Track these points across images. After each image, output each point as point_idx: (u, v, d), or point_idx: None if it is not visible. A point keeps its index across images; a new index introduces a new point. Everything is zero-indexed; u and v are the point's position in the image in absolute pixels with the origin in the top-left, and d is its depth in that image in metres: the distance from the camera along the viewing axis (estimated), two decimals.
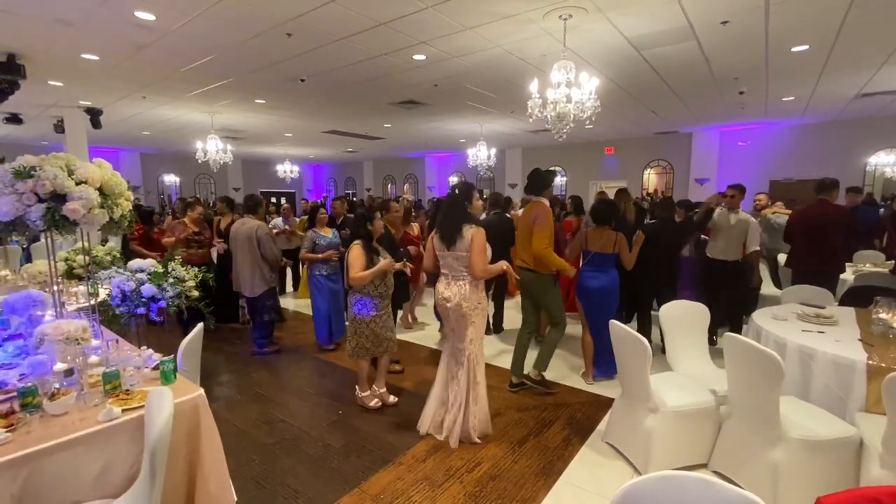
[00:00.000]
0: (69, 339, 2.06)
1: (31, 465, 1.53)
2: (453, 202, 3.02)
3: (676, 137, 12.42)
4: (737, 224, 4.54)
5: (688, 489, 1.17)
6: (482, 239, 2.90)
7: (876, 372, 2.34)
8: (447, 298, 3.00)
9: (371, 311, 3.33)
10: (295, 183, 18.75)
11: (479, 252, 2.86)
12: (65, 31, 4.68)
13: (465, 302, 2.94)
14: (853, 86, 7.20)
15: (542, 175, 3.79)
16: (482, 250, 2.89)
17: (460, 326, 3.01)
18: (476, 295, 2.98)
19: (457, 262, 2.97)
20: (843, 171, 10.38)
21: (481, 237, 2.90)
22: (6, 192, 2.06)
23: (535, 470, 2.74)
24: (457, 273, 2.99)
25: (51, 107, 8.18)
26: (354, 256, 3.26)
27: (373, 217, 3.46)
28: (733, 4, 4.20)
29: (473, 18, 4.46)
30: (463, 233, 2.90)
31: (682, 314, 3.26)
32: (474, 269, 2.89)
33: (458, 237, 2.91)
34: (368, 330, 3.34)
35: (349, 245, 3.39)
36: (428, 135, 12.17)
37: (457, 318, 3.01)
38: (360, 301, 3.34)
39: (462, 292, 2.95)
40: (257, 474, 2.72)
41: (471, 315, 2.96)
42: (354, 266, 3.22)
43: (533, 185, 3.76)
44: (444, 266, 3.05)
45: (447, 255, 2.99)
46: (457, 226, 2.93)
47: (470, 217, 2.98)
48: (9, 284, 4.09)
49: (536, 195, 3.73)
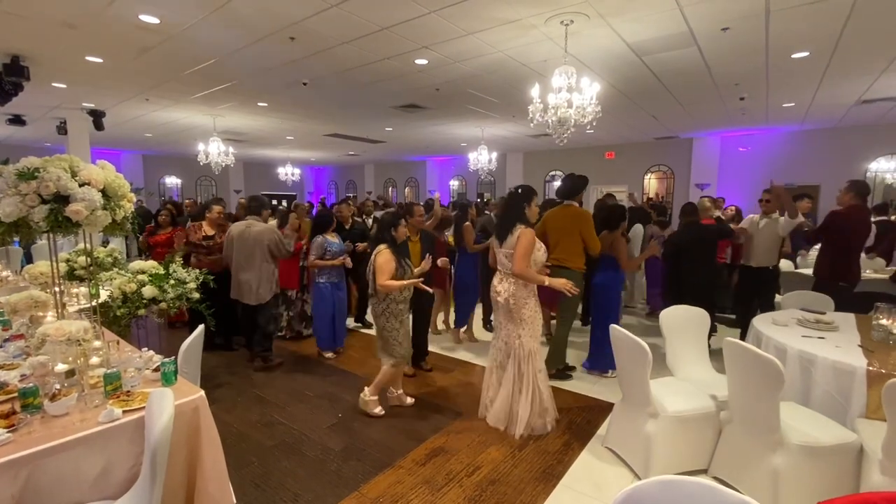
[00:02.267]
0: (71, 339, 2.06)
1: (32, 465, 1.53)
2: (513, 201, 3.21)
3: (677, 143, 12.44)
4: (765, 226, 4.50)
5: (689, 494, 1.16)
6: (526, 241, 3.04)
7: (876, 378, 2.34)
8: (498, 292, 3.21)
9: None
10: (296, 185, 18.77)
11: (521, 252, 3.03)
12: (69, 34, 4.71)
13: (511, 298, 3.12)
14: (853, 92, 7.21)
15: (577, 180, 4.11)
16: (525, 252, 3.03)
17: (507, 320, 3.20)
18: (524, 292, 3.12)
19: (506, 259, 3.16)
20: (843, 177, 10.31)
21: (526, 239, 3.05)
22: (10, 194, 2.07)
23: (535, 474, 2.74)
24: (507, 269, 3.17)
25: (54, 108, 8.21)
26: (384, 262, 3.19)
27: (398, 222, 3.39)
28: (734, 11, 4.22)
29: (475, 23, 4.48)
30: (513, 230, 3.09)
31: (682, 319, 3.26)
32: (513, 267, 3.07)
33: (508, 234, 3.10)
34: (398, 334, 3.32)
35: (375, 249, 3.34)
36: (429, 138, 12.20)
37: (505, 312, 3.20)
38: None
39: (510, 289, 3.13)
40: (257, 476, 2.71)
41: (517, 311, 3.12)
42: (384, 272, 3.17)
43: (568, 190, 4.09)
44: (499, 262, 3.28)
45: (500, 251, 3.22)
46: (509, 224, 3.13)
47: (524, 218, 3.15)
48: (10, 285, 4.11)
49: (570, 199, 4.05)
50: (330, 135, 11.62)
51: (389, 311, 3.30)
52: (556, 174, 15.06)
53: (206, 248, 4.68)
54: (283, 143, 13.01)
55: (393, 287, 3.18)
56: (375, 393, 3.48)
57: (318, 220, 4.84)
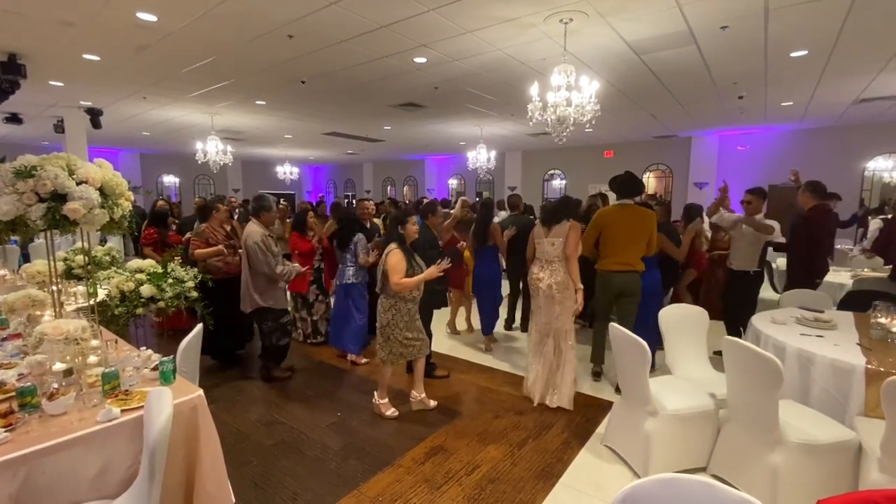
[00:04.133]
0: (69, 338, 2.05)
1: (30, 464, 1.52)
2: (566, 202, 3.70)
3: (676, 141, 12.45)
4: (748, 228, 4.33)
5: (689, 492, 1.17)
6: (577, 233, 3.52)
7: (874, 376, 2.35)
8: (540, 279, 3.58)
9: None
10: (294, 184, 18.74)
11: (574, 240, 3.49)
12: (66, 32, 4.68)
13: (555, 285, 3.50)
14: (852, 91, 7.22)
15: (635, 180, 4.08)
16: (577, 241, 3.50)
17: (547, 304, 3.56)
18: (566, 279, 3.49)
19: (552, 248, 3.55)
20: (842, 175, 10.41)
21: (578, 231, 3.52)
22: (7, 192, 2.06)
23: (534, 473, 2.74)
24: (550, 258, 3.56)
25: (51, 107, 8.17)
26: (396, 261, 3.19)
27: (406, 220, 3.38)
28: (733, 9, 4.22)
29: (474, 22, 4.47)
30: (564, 221, 3.54)
31: (681, 318, 3.26)
32: (566, 251, 3.49)
33: (557, 223, 3.54)
34: (401, 335, 3.31)
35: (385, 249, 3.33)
36: (428, 137, 12.19)
37: (546, 297, 3.55)
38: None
39: (553, 276, 3.51)
40: (256, 475, 2.71)
41: (558, 296, 3.50)
42: (397, 271, 3.17)
43: (628, 189, 4.00)
44: (539, 252, 3.64)
45: (545, 241, 3.59)
46: (559, 217, 3.55)
47: (576, 214, 3.60)
48: (7, 284, 4.09)
49: (629, 198, 4.01)
50: (328, 133, 11.61)
51: (396, 308, 3.29)
52: (555, 173, 15.06)
53: (233, 247, 4.35)
54: (281, 141, 12.98)
55: (408, 285, 3.18)
56: (384, 395, 3.48)
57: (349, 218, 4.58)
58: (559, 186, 15.00)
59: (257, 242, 3.76)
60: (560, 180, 15.05)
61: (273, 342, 4.03)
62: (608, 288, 3.92)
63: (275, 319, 4.00)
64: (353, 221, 4.56)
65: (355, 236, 4.40)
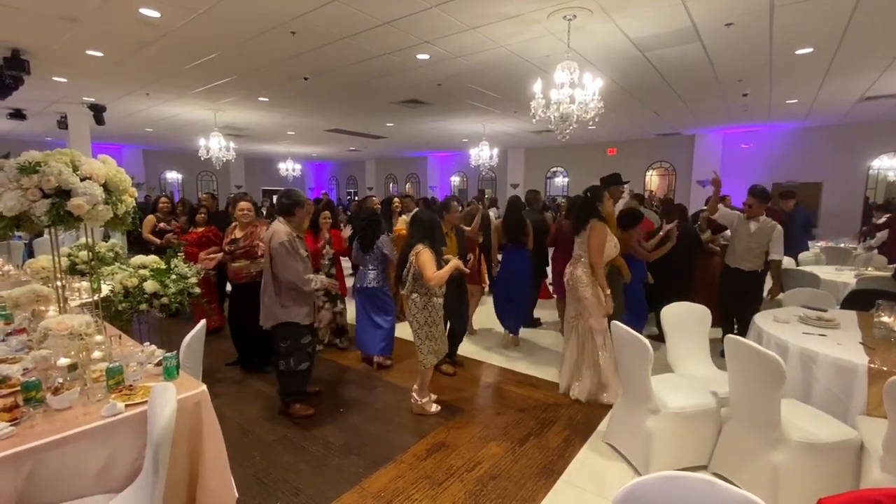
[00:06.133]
0: (73, 333, 2.07)
1: (35, 458, 1.53)
2: (587, 201, 3.67)
3: (679, 139, 12.41)
4: (758, 231, 4.23)
5: (690, 489, 1.17)
6: (597, 234, 3.50)
7: (877, 375, 2.34)
8: (566, 273, 3.72)
9: None
10: (297, 181, 18.76)
11: (594, 245, 3.51)
12: (70, 28, 4.69)
13: (579, 283, 3.58)
14: (857, 89, 7.19)
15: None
16: (599, 243, 3.50)
17: (573, 300, 3.67)
18: (590, 278, 3.55)
19: (579, 248, 3.67)
20: (846, 174, 10.38)
21: (597, 232, 3.51)
22: (11, 188, 2.07)
23: (536, 469, 2.74)
24: (577, 256, 3.66)
25: (54, 103, 8.19)
26: (427, 258, 3.20)
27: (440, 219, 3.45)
28: (738, 6, 4.19)
29: (478, 18, 4.46)
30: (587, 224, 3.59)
31: (683, 316, 3.26)
32: (588, 259, 3.55)
33: (582, 229, 3.62)
34: (437, 331, 3.32)
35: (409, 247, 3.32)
36: (430, 134, 12.18)
37: (572, 292, 3.66)
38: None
39: (577, 274, 3.60)
40: (259, 471, 2.72)
41: (582, 292, 3.56)
42: (430, 267, 3.18)
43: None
44: (574, 249, 3.73)
45: (577, 242, 3.70)
46: (584, 218, 3.62)
47: (598, 213, 3.58)
48: (12, 279, 4.11)
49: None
50: (331, 130, 11.61)
51: (431, 305, 3.30)
52: (558, 170, 15.05)
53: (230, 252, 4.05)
54: (284, 138, 12.99)
55: (443, 276, 3.20)
56: (424, 394, 3.48)
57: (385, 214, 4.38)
58: (562, 184, 14.98)
59: (283, 243, 3.16)
60: (563, 178, 15.03)
61: (290, 366, 3.32)
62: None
63: (294, 339, 3.33)
64: (377, 222, 4.21)
65: (379, 238, 4.14)
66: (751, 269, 4.35)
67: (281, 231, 3.21)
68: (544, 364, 4.40)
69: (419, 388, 3.47)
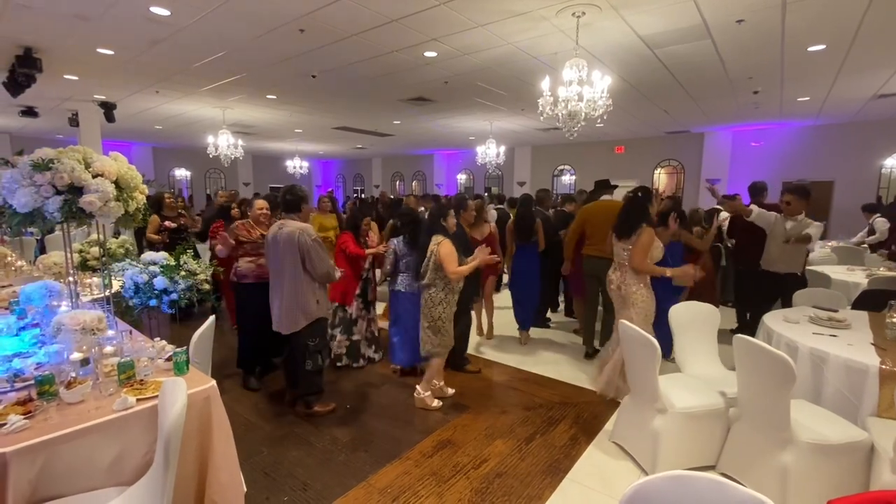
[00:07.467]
0: (85, 328, 2.09)
1: (49, 451, 1.56)
2: (638, 203, 3.54)
3: (688, 137, 12.30)
4: (794, 230, 4.09)
5: (698, 489, 1.16)
6: (645, 239, 3.38)
7: (888, 376, 2.32)
8: (611, 280, 3.65)
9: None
10: (304, 179, 18.84)
11: (640, 249, 3.40)
12: (81, 26, 4.74)
13: (623, 286, 3.52)
14: (870, 87, 7.08)
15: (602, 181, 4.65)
16: (644, 249, 3.39)
17: (617, 304, 3.63)
18: (634, 281, 3.47)
19: (623, 252, 3.54)
20: (858, 172, 10.24)
21: (646, 237, 3.39)
22: (25, 184, 2.10)
23: (542, 468, 2.74)
24: (622, 261, 3.56)
25: (66, 100, 8.29)
26: (448, 252, 3.23)
27: (447, 213, 3.41)
28: (749, 3, 4.15)
29: (485, 15, 4.45)
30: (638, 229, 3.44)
31: (691, 315, 3.24)
32: (631, 260, 3.45)
33: (633, 233, 3.46)
34: (449, 326, 3.35)
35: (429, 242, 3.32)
36: (437, 132, 12.17)
37: (616, 297, 3.62)
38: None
39: (622, 278, 3.54)
40: (266, 465, 2.75)
41: (627, 297, 3.49)
42: (452, 261, 3.20)
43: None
44: (615, 253, 3.65)
45: (618, 244, 3.59)
46: (634, 223, 3.47)
47: (649, 216, 3.49)
48: (24, 275, 4.17)
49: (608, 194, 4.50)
50: (338, 128, 11.64)
51: (448, 301, 3.32)
52: (565, 168, 14.98)
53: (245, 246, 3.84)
54: (291, 135, 13.05)
55: (464, 271, 3.23)
56: (428, 388, 3.51)
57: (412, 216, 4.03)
58: (569, 182, 14.91)
59: (315, 238, 3.15)
60: (570, 176, 14.96)
61: (317, 364, 3.27)
62: (588, 271, 4.39)
63: (322, 335, 3.32)
64: (416, 220, 3.92)
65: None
66: (787, 272, 4.17)
67: (303, 226, 3.19)
68: (551, 363, 4.40)
69: (425, 382, 3.49)
